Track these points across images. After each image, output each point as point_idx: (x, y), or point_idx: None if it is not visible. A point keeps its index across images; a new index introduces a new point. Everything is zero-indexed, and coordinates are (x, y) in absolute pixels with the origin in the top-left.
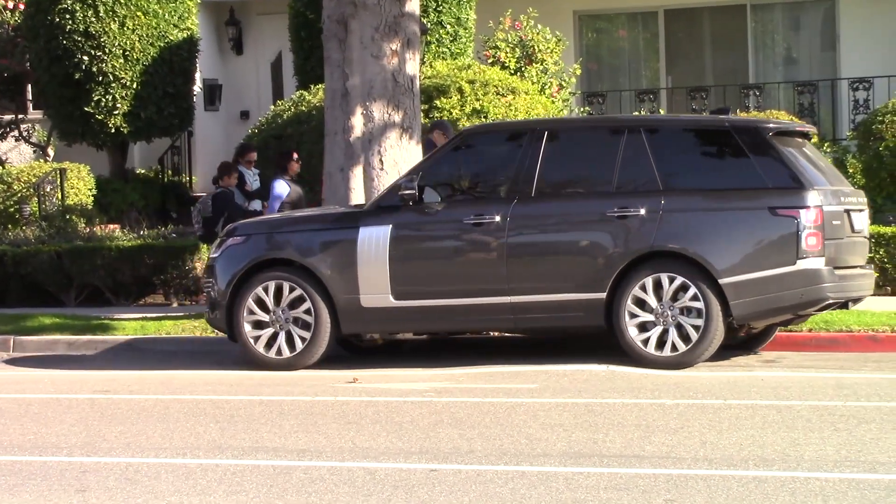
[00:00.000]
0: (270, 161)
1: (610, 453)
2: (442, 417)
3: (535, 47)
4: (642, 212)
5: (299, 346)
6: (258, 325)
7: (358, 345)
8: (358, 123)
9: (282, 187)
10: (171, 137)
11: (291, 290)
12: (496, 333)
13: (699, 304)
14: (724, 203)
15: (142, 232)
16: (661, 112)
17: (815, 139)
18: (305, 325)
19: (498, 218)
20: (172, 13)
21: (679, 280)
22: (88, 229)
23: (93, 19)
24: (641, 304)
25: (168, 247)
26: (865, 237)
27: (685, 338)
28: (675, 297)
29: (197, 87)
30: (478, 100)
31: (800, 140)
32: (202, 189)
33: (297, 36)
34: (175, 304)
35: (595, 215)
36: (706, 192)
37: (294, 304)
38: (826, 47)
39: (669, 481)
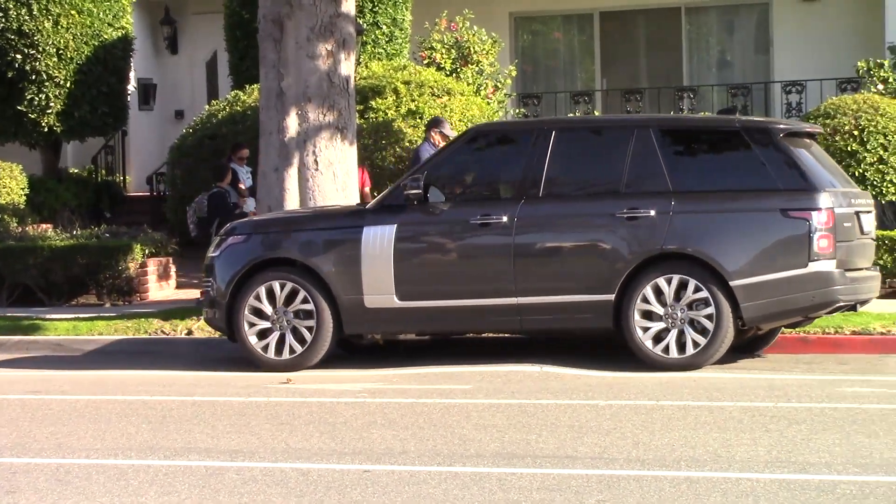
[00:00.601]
0: (205, 161)
1: (543, 454)
2: (375, 418)
3: (471, 49)
4: (652, 213)
5: (300, 347)
6: (258, 325)
7: (356, 345)
8: (293, 123)
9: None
10: (104, 137)
11: (293, 290)
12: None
13: (709, 307)
14: (735, 204)
15: (75, 232)
16: (596, 114)
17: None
18: (307, 326)
19: (505, 218)
20: (107, 12)
21: (689, 282)
22: (21, 229)
23: (26, 17)
24: (651, 306)
25: (101, 247)
26: (873, 239)
27: (695, 340)
28: (684, 299)
29: (131, 87)
30: (413, 101)
31: (808, 141)
32: (136, 188)
33: (232, 35)
34: (108, 305)
35: (604, 216)
36: (716, 193)
37: (296, 304)
38: (760, 50)
39: (602, 482)
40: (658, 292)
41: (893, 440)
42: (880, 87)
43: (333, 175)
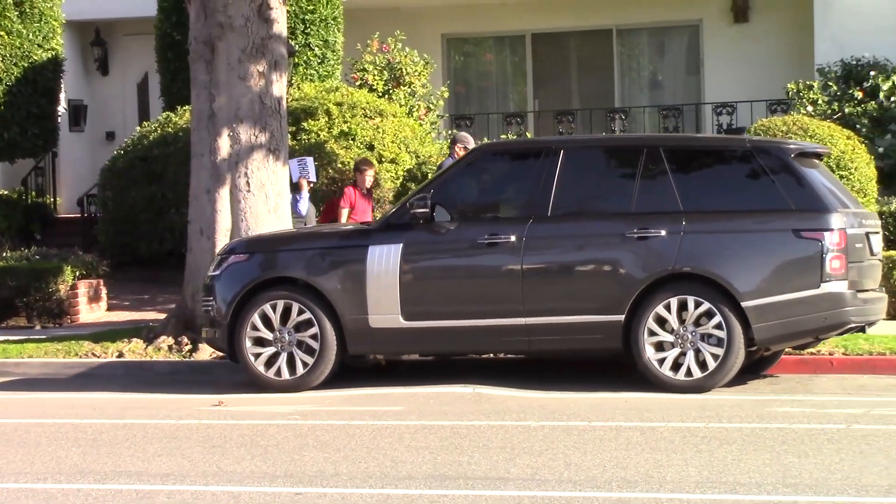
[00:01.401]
0: (136, 182)
1: (475, 475)
2: (307, 440)
3: (403, 70)
4: (663, 233)
5: (301, 367)
6: (261, 345)
7: (354, 365)
8: (224, 145)
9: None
10: (34, 158)
11: (298, 310)
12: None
13: (720, 328)
14: (747, 224)
15: (4, 254)
16: (529, 135)
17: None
18: (310, 346)
19: (513, 238)
20: (37, 33)
21: (700, 303)
22: None
23: None
24: (661, 326)
25: (31, 269)
26: (880, 260)
27: (705, 361)
28: (695, 321)
29: (62, 108)
30: (345, 122)
31: (816, 161)
32: (67, 210)
33: (163, 57)
34: (38, 327)
35: (614, 236)
36: (728, 213)
37: (299, 324)
38: (690, 72)
39: (534, 503)
40: (668, 313)
41: (822, 460)
42: (810, 108)
43: (266, 196)
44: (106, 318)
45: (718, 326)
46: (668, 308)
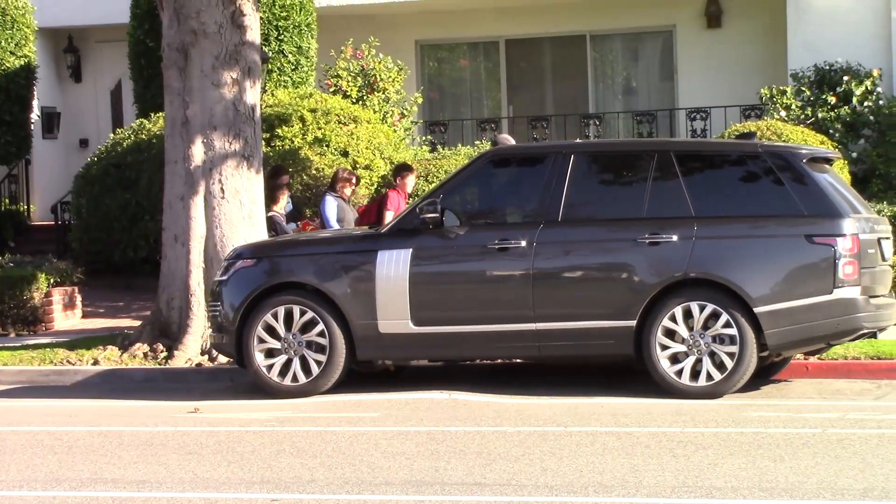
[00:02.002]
0: (110, 190)
1: (451, 481)
2: (284, 447)
3: (377, 76)
4: (674, 238)
5: (314, 371)
6: (270, 351)
7: (361, 371)
8: (198, 152)
9: (331, 206)
10: (8, 166)
11: (304, 314)
12: None
13: (733, 333)
14: (759, 230)
15: None
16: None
17: (844, 166)
18: (320, 351)
19: (524, 243)
20: (9, 40)
21: (712, 308)
22: None
23: None
24: (673, 332)
25: (5, 276)
26: (891, 265)
27: (718, 367)
28: (707, 326)
29: (35, 115)
30: (319, 128)
31: (826, 166)
32: (41, 218)
33: (136, 64)
34: (12, 335)
35: (625, 241)
36: (740, 218)
37: (308, 329)
38: (664, 77)
39: None
40: (680, 319)
41: (798, 464)
42: (783, 113)
43: (240, 203)
44: (81, 326)
45: (730, 331)
46: (679, 314)
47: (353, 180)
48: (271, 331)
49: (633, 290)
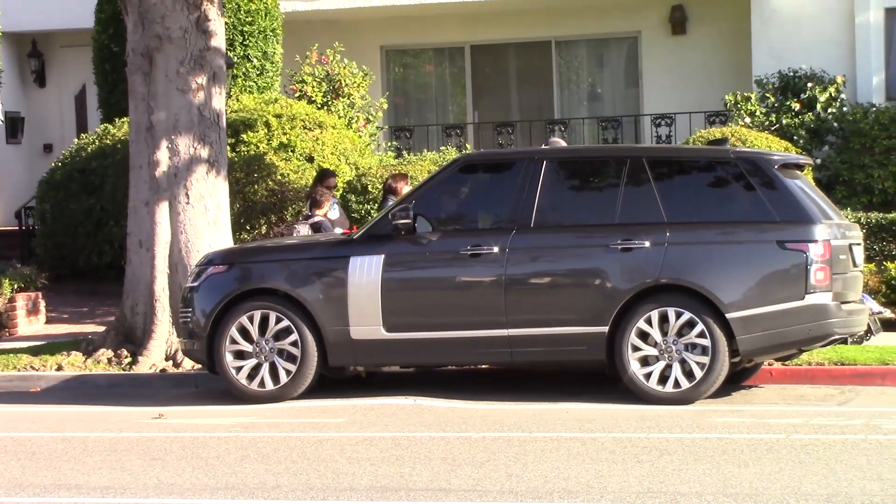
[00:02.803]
0: (74, 195)
1: (416, 487)
2: (248, 452)
3: (342, 81)
4: (647, 244)
5: (283, 377)
6: (241, 356)
7: (333, 377)
8: (163, 157)
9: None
10: None
11: (278, 320)
12: None
13: (705, 339)
14: (731, 236)
15: None
16: (469, 147)
17: (808, 171)
18: (291, 357)
19: (496, 249)
20: None
21: (684, 314)
22: None
23: None
24: (645, 338)
25: None
26: (862, 271)
27: (689, 373)
28: (679, 332)
29: None
30: (285, 134)
31: (798, 172)
32: (5, 223)
33: (101, 69)
34: None
35: (598, 247)
36: (712, 224)
37: (280, 335)
38: (629, 83)
39: None
40: (652, 325)
41: (762, 470)
42: (748, 120)
43: (205, 208)
44: (45, 331)
45: (703, 338)
46: (651, 320)
47: (407, 180)
48: (244, 336)
49: (605, 296)
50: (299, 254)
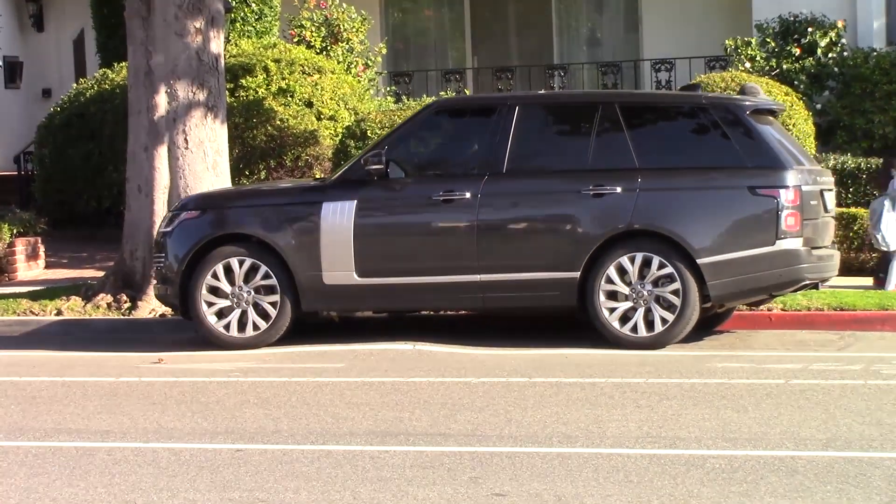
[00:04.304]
0: (73, 140)
1: (416, 432)
2: (248, 397)
3: (341, 26)
4: (618, 190)
5: (262, 324)
6: (216, 302)
7: (309, 321)
8: (162, 102)
9: None
10: None
11: (254, 266)
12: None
13: (676, 284)
14: (702, 182)
15: None
16: (468, 92)
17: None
18: (270, 302)
19: (468, 194)
20: None
21: (655, 259)
22: None
23: None
24: (616, 283)
25: None
26: (833, 217)
27: (661, 318)
28: (650, 278)
29: None
30: (283, 79)
31: (770, 118)
32: (3, 168)
33: (99, 13)
34: None
35: (569, 193)
36: (683, 170)
37: (253, 280)
38: (629, 28)
39: (475, 459)
40: (624, 270)
41: (761, 415)
42: (748, 65)
43: (204, 154)
44: (44, 276)
45: (673, 282)
46: (622, 265)
47: None
48: (218, 282)
49: (577, 242)
50: (272, 199)
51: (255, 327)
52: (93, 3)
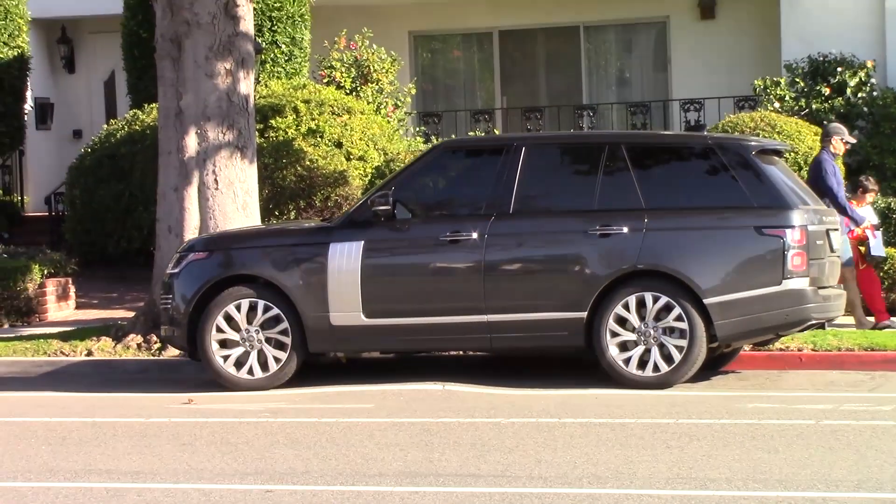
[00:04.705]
0: (103, 181)
1: (446, 472)
2: (278, 438)
3: (371, 67)
4: (625, 230)
5: (273, 366)
6: (226, 344)
7: (315, 363)
8: (192, 143)
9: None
10: (1, 157)
11: (264, 308)
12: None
13: (683, 324)
14: (709, 221)
15: None
16: (496, 132)
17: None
18: (278, 345)
19: (475, 235)
20: (2, 31)
21: (662, 299)
22: None
23: None
24: (623, 323)
25: None
26: (839, 257)
27: (667, 358)
28: (657, 317)
29: (28, 106)
30: (313, 119)
31: (776, 158)
32: (34, 209)
33: (130, 54)
34: (6, 326)
35: (576, 233)
36: (690, 210)
37: (264, 323)
38: (658, 68)
39: (504, 499)
40: (630, 310)
41: (792, 456)
42: (777, 105)
43: (234, 194)
44: (74, 317)
45: (681, 321)
46: (629, 305)
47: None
48: (228, 325)
49: (584, 282)
50: (279, 240)
51: (266, 368)
52: (124, 44)
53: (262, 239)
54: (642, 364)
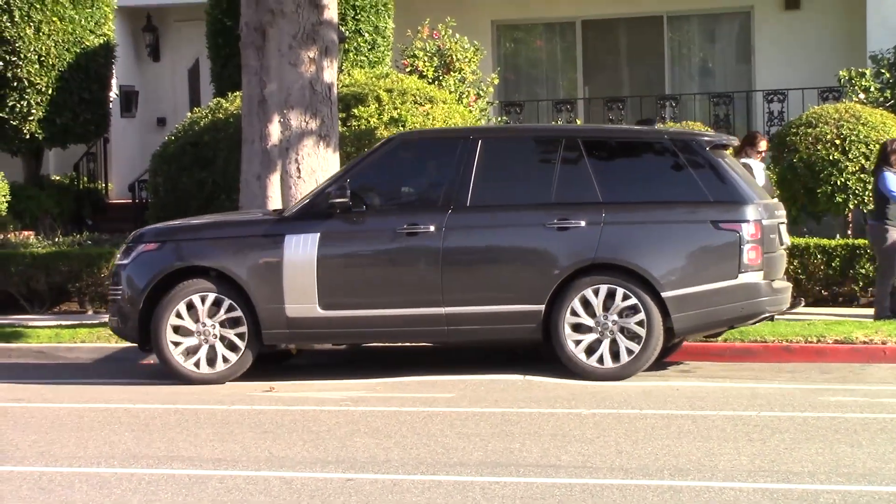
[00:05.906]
0: (186, 169)
1: (526, 463)
2: (358, 426)
3: (453, 56)
4: (583, 223)
5: (232, 358)
6: (181, 336)
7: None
8: (275, 131)
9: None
10: (86, 144)
11: (216, 300)
12: (409, 344)
13: (640, 316)
14: (666, 216)
15: (57, 239)
16: (578, 122)
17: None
18: (234, 338)
19: (432, 227)
20: (89, 19)
21: (619, 291)
22: (2, 236)
23: (8, 24)
24: (581, 315)
25: (83, 254)
26: (787, 249)
27: (626, 349)
28: (615, 310)
29: (113, 94)
30: (395, 108)
31: (723, 151)
32: (118, 196)
33: (214, 43)
34: (90, 312)
35: (534, 226)
36: (647, 204)
37: (218, 314)
38: (741, 59)
39: (585, 490)
40: (588, 302)
41: (876, 450)
42: (862, 96)
43: (316, 183)
44: None
45: (638, 313)
46: (587, 298)
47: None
48: (180, 317)
49: (542, 275)
50: (233, 231)
51: (225, 361)
52: (208, 33)
53: (214, 230)
54: (601, 356)
